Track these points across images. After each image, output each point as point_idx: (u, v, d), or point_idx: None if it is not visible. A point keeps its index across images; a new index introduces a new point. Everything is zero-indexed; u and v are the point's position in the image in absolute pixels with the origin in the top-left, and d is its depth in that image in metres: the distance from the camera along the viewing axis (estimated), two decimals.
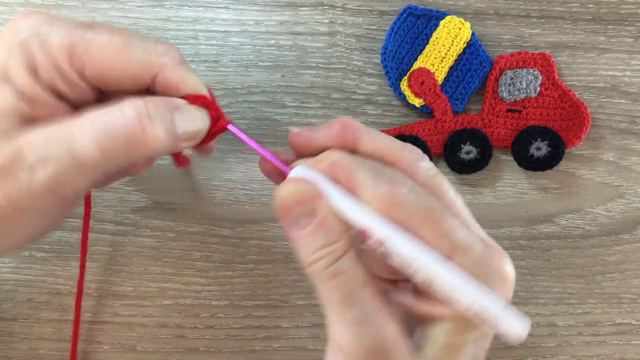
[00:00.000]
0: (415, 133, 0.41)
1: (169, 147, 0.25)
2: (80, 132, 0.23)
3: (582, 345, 0.40)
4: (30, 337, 0.40)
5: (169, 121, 0.25)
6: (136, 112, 0.24)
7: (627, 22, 0.42)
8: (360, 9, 0.42)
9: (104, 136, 0.23)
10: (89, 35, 0.25)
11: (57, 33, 0.25)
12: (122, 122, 0.24)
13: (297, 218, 0.24)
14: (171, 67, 0.27)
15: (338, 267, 0.24)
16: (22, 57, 0.24)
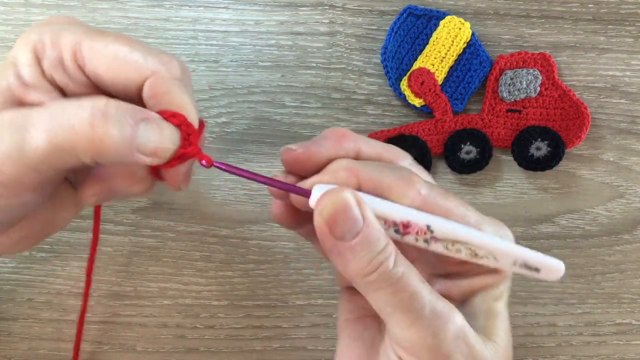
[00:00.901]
0: (415, 133, 0.41)
1: (124, 154, 0.23)
2: (37, 118, 0.23)
3: (582, 345, 0.40)
4: (30, 337, 0.40)
5: (127, 126, 0.23)
6: (91, 109, 0.23)
7: (627, 22, 0.42)
8: (360, 9, 0.42)
9: (56, 127, 0.22)
10: (97, 36, 0.26)
11: (69, 32, 0.26)
12: (76, 115, 0.23)
13: (343, 232, 0.23)
14: (163, 77, 0.26)
15: (398, 269, 0.23)
16: (33, 43, 0.26)
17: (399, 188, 0.25)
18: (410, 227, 0.24)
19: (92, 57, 0.26)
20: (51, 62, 0.26)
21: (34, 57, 0.26)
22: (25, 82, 0.26)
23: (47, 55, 0.26)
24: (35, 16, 0.41)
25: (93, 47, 0.26)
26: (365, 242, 0.23)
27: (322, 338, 0.40)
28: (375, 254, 0.23)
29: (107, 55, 0.25)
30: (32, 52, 0.26)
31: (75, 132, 0.22)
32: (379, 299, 0.24)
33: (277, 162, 0.41)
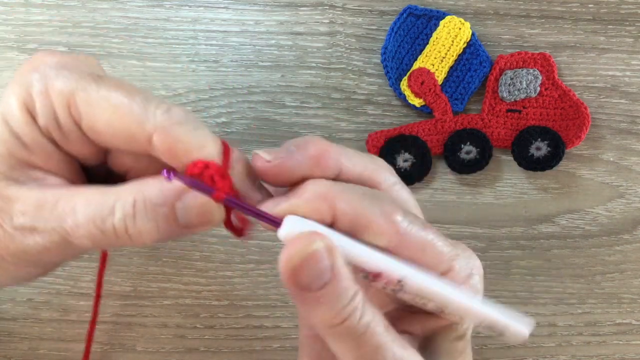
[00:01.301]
0: (415, 133, 0.41)
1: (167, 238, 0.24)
2: (71, 216, 0.23)
3: (582, 345, 0.40)
4: (30, 337, 0.40)
5: (161, 216, 0.23)
6: (122, 212, 0.23)
7: (627, 22, 0.42)
8: (360, 9, 0.42)
9: (93, 229, 0.23)
10: (92, 87, 0.24)
11: (61, 80, 0.24)
12: (111, 220, 0.23)
13: (309, 282, 0.22)
14: (167, 127, 0.23)
15: (366, 319, 0.23)
16: (23, 97, 0.23)
17: (378, 226, 0.23)
18: (381, 278, 0.23)
19: (88, 111, 0.23)
20: (46, 119, 0.24)
21: (28, 115, 0.23)
22: (25, 143, 0.24)
23: (40, 113, 0.23)
24: (35, 16, 0.41)
25: (89, 100, 0.23)
26: (332, 294, 0.22)
27: None
28: (340, 307, 0.22)
29: (105, 109, 0.23)
30: (24, 109, 0.23)
31: (114, 236, 0.23)
32: (341, 349, 0.23)
33: None
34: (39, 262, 0.25)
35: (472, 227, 0.41)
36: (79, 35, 0.41)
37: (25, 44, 0.41)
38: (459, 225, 0.41)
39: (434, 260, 0.24)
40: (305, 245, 0.22)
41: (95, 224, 0.23)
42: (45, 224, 0.23)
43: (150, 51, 0.41)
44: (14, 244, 0.24)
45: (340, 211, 0.23)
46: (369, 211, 0.23)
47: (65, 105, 0.23)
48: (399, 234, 0.23)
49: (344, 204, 0.23)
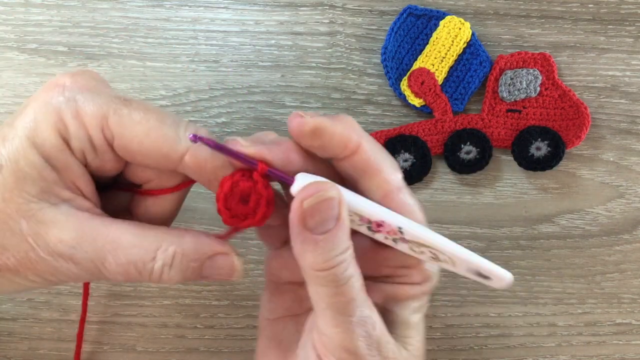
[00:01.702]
0: (415, 133, 0.41)
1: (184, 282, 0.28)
2: (113, 254, 0.25)
3: (582, 345, 0.40)
4: (30, 337, 0.40)
5: (190, 270, 0.26)
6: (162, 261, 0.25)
7: (627, 22, 0.42)
8: (360, 9, 0.42)
9: (132, 270, 0.25)
10: (124, 110, 0.25)
11: (91, 102, 0.25)
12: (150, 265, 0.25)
13: (315, 225, 0.24)
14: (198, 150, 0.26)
15: (350, 272, 0.25)
16: (54, 122, 0.24)
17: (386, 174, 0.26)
18: (383, 227, 0.26)
19: (122, 134, 0.25)
20: (80, 142, 0.25)
21: (61, 139, 0.25)
22: (56, 166, 0.25)
23: (75, 136, 0.25)
24: (35, 16, 0.41)
25: (122, 123, 0.25)
26: (330, 241, 0.24)
27: None
28: (333, 254, 0.24)
29: (139, 131, 0.25)
30: (57, 133, 0.24)
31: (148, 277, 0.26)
32: (319, 293, 0.25)
33: None
34: (60, 282, 0.26)
35: (472, 227, 0.41)
36: (79, 35, 0.41)
37: (25, 44, 0.41)
38: (459, 225, 0.41)
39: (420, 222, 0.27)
40: (321, 191, 0.24)
41: (137, 267, 0.25)
42: (84, 255, 0.25)
43: (150, 51, 0.41)
44: (45, 267, 0.25)
45: (363, 149, 0.26)
46: (383, 160, 0.26)
47: (100, 128, 0.25)
48: (398, 189, 0.26)
49: (368, 145, 0.26)
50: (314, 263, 0.24)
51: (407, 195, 0.27)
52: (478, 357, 0.40)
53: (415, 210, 0.27)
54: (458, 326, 0.40)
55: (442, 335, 0.40)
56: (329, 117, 0.26)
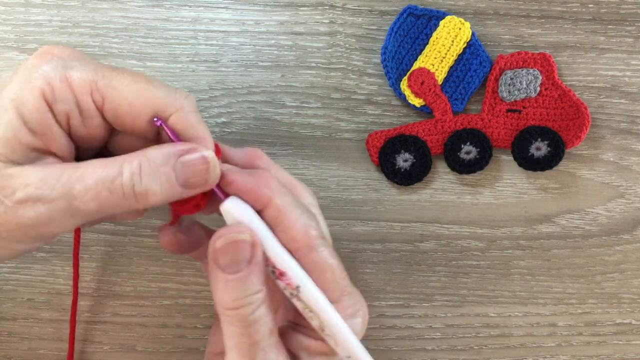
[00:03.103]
0: (415, 133, 0.41)
1: (171, 197, 0.26)
2: (79, 181, 0.24)
3: (582, 345, 0.40)
4: (30, 337, 0.40)
5: (164, 175, 0.25)
6: (129, 172, 0.25)
7: (627, 22, 0.42)
8: (360, 9, 0.42)
9: (102, 190, 0.24)
10: (113, 74, 0.26)
11: (81, 68, 0.26)
12: (119, 180, 0.24)
13: (226, 265, 0.25)
14: (185, 111, 0.27)
15: (257, 315, 0.25)
16: (39, 85, 0.25)
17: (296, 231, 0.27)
18: (284, 277, 0.27)
19: (112, 96, 0.26)
20: (67, 106, 0.25)
21: (43, 102, 0.25)
22: (33, 129, 0.25)
23: (61, 99, 0.25)
24: (35, 16, 0.41)
25: (112, 85, 0.26)
26: (240, 282, 0.25)
27: None
28: (242, 295, 0.25)
29: (129, 94, 0.26)
30: (40, 97, 0.25)
31: (122, 195, 0.25)
32: (227, 332, 0.26)
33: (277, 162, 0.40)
34: (37, 236, 0.25)
35: (472, 227, 0.41)
36: (79, 35, 0.41)
37: (25, 44, 0.41)
38: (458, 225, 0.41)
39: (329, 285, 0.27)
40: (235, 233, 0.26)
41: (105, 185, 0.24)
42: (52, 192, 0.24)
43: (150, 51, 0.41)
44: (16, 218, 0.24)
45: (275, 204, 0.27)
46: (295, 216, 0.27)
47: (88, 91, 0.25)
48: (309, 247, 0.27)
49: (280, 200, 0.27)
50: (222, 301, 0.25)
51: (321, 255, 0.27)
52: (478, 357, 0.40)
53: (327, 273, 0.27)
54: (458, 326, 0.40)
55: (442, 335, 0.40)
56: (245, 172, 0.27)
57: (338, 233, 0.41)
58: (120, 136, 0.29)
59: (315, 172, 0.41)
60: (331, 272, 0.27)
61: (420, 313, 0.41)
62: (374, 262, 0.41)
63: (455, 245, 0.41)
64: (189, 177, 0.26)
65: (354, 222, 0.41)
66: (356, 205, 0.41)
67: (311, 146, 0.41)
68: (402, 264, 0.41)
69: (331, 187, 0.41)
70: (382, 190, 0.41)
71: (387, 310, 0.40)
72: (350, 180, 0.41)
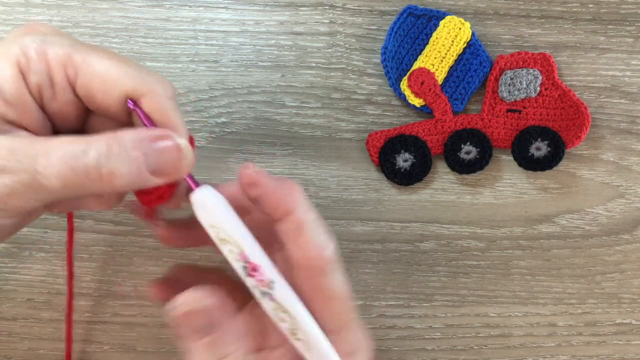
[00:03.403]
0: (415, 133, 0.41)
1: (136, 183, 0.25)
2: (44, 156, 0.23)
3: (582, 345, 0.40)
4: (30, 337, 0.40)
5: (133, 160, 0.24)
6: (97, 152, 0.23)
7: (627, 22, 0.42)
8: (360, 9, 0.42)
9: (65, 168, 0.23)
10: (88, 50, 0.25)
11: (58, 42, 0.25)
12: (83, 159, 0.23)
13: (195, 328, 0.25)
14: (159, 95, 0.26)
15: None
16: (16, 55, 0.25)
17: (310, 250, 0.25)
18: (257, 273, 0.25)
19: (85, 71, 0.25)
20: (39, 77, 0.25)
21: (18, 72, 0.25)
22: (7, 99, 0.25)
23: (35, 70, 0.25)
24: (35, 16, 0.41)
25: (86, 61, 0.25)
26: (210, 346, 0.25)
27: None
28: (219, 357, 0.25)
29: (102, 70, 0.25)
30: (15, 66, 0.24)
31: (86, 174, 0.23)
32: None
33: (277, 162, 0.41)
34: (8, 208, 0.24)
35: (472, 227, 0.41)
36: (79, 35, 0.41)
37: None
38: (458, 225, 0.41)
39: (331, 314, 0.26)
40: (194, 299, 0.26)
41: (68, 163, 0.23)
42: (16, 164, 0.23)
43: (150, 51, 0.41)
44: None
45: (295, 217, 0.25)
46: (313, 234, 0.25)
47: (62, 65, 0.25)
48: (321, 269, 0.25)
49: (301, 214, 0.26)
50: None
51: (332, 281, 0.26)
52: (478, 357, 0.40)
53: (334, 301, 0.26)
54: (458, 326, 0.40)
55: (442, 335, 0.40)
56: (274, 178, 0.26)
57: (338, 233, 0.41)
58: (95, 118, 0.28)
59: (315, 172, 0.41)
60: (338, 302, 0.26)
61: (420, 313, 0.41)
62: (374, 262, 0.41)
63: (455, 245, 0.41)
64: (159, 165, 0.25)
65: (354, 222, 0.41)
66: (356, 205, 0.41)
67: (311, 146, 0.41)
68: (402, 264, 0.41)
69: (331, 187, 0.41)
70: (382, 190, 0.41)
71: (387, 310, 0.40)
72: (350, 180, 0.41)
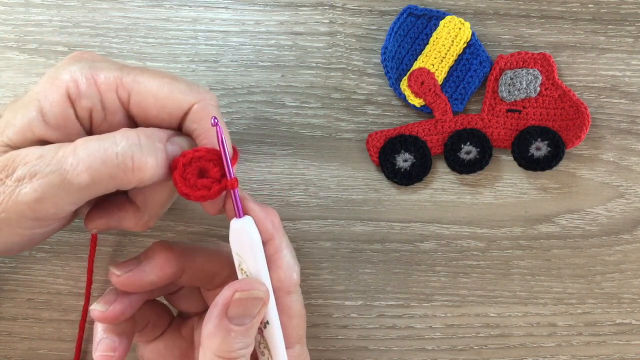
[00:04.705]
0: (415, 133, 0.41)
1: (160, 175, 0.26)
2: (72, 154, 0.24)
3: (582, 345, 0.40)
4: (30, 337, 0.40)
5: (160, 151, 0.26)
6: (127, 142, 0.25)
7: (627, 22, 0.42)
8: (360, 9, 0.42)
9: (94, 161, 0.24)
10: (137, 71, 0.27)
11: (106, 67, 0.27)
12: (114, 149, 0.24)
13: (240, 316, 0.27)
14: (207, 103, 0.28)
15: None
16: (65, 82, 0.26)
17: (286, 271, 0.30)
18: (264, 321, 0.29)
19: (138, 91, 0.26)
20: (90, 101, 0.26)
21: (65, 98, 0.26)
22: (50, 123, 0.26)
23: (85, 95, 0.26)
24: (35, 16, 0.41)
25: (137, 81, 0.26)
26: (241, 335, 0.27)
27: (322, 338, 0.40)
28: (237, 347, 0.27)
29: (154, 88, 0.27)
30: (63, 92, 0.26)
31: (117, 166, 0.24)
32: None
33: (277, 162, 0.41)
34: (34, 216, 0.25)
35: (472, 227, 0.41)
36: (79, 35, 0.41)
37: (25, 44, 0.41)
38: (458, 225, 0.41)
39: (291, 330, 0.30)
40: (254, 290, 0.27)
41: (98, 154, 0.24)
42: (46, 168, 0.24)
43: (150, 51, 0.41)
44: (13, 196, 0.24)
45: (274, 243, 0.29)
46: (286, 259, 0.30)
47: (113, 88, 0.26)
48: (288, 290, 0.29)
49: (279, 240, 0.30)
50: (218, 349, 0.26)
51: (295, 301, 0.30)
52: (478, 357, 0.40)
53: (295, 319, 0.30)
54: (458, 326, 0.40)
55: (442, 335, 0.40)
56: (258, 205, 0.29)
57: (338, 233, 0.41)
58: None
59: (315, 172, 0.41)
60: (298, 320, 0.30)
61: (420, 313, 0.41)
62: (374, 262, 0.41)
63: (455, 245, 0.41)
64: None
65: (354, 222, 0.41)
66: (356, 205, 0.41)
67: (311, 146, 0.41)
68: (402, 264, 0.41)
69: (331, 187, 0.41)
70: (382, 190, 0.41)
71: (387, 310, 0.40)
72: (350, 180, 0.41)
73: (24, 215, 0.25)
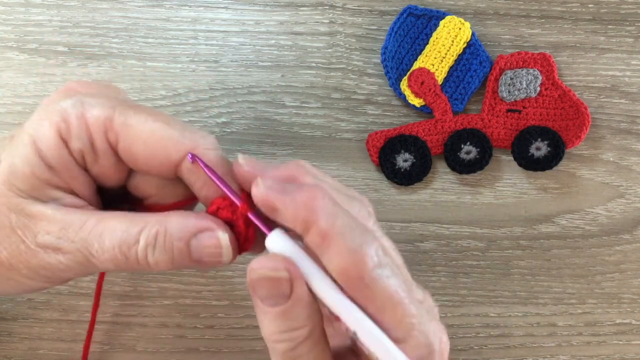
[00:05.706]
0: (415, 133, 0.41)
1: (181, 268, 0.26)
2: (98, 240, 0.25)
3: (582, 345, 0.40)
4: (30, 337, 0.40)
5: (177, 250, 0.25)
6: (146, 243, 0.25)
7: (627, 22, 0.42)
8: (360, 9, 0.42)
9: (118, 254, 0.25)
10: (130, 112, 0.25)
11: (97, 106, 0.25)
12: (135, 247, 0.25)
13: (268, 296, 0.24)
14: (203, 149, 0.26)
15: (296, 353, 0.24)
16: (56, 122, 0.25)
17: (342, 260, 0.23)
18: (341, 322, 0.24)
19: (126, 136, 0.25)
20: (80, 143, 0.25)
21: (59, 138, 0.25)
22: (51, 165, 0.25)
23: (76, 136, 0.25)
24: (35, 16, 0.41)
25: (127, 124, 0.25)
26: (278, 317, 0.24)
27: None
28: (281, 330, 0.24)
29: (144, 135, 0.25)
30: (56, 133, 0.25)
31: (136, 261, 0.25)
32: None
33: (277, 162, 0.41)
34: (55, 277, 0.26)
35: (472, 227, 0.41)
36: (79, 35, 0.41)
37: (25, 44, 0.41)
38: (458, 225, 0.41)
39: (390, 323, 0.23)
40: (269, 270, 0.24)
41: (121, 250, 0.25)
42: (70, 245, 0.25)
43: (150, 51, 0.41)
44: (36, 259, 0.25)
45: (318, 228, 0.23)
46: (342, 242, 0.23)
47: (103, 129, 0.25)
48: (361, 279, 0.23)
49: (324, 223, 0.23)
50: (263, 332, 0.25)
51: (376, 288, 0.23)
52: (478, 357, 0.40)
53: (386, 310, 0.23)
54: (458, 326, 0.40)
55: None
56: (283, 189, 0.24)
57: None
58: (136, 178, 0.28)
59: None
60: (392, 309, 0.23)
61: None
62: None
63: (455, 245, 0.41)
64: (202, 257, 0.25)
65: None
66: None
67: (311, 146, 0.41)
68: None
69: None
70: (382, 190, 0.41)
71: None
72: (350, 180, 0.41)
73: (41, 275, 0.26)
